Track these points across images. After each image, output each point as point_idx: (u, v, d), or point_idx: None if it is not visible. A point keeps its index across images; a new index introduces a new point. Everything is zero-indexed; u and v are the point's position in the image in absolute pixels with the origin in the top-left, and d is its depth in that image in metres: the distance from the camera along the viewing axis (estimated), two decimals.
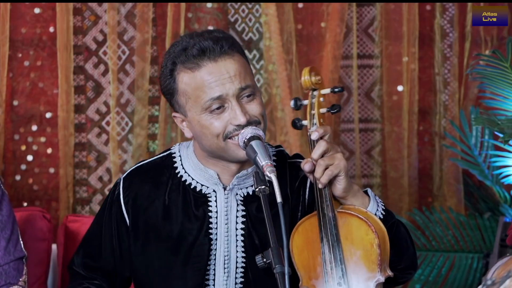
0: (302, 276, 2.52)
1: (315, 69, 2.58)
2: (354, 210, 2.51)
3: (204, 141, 2.58)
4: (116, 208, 2.70)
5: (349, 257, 2.47)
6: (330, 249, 2.47)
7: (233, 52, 2.56)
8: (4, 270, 2.71)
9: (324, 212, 2.49)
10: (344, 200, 2.53)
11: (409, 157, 4.25)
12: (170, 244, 2.65)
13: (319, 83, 2.57)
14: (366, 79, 4.26)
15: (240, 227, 2.64)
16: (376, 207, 2.54)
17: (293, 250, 2.53)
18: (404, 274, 2.62)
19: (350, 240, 2.48)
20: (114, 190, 2.73)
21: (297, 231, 2.54)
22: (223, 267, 2.63)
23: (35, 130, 4.00)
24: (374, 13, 4.24)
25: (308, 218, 2.54)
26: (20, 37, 3.97)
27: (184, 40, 2.58)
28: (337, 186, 2.50)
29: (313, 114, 2.57)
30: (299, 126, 2.60)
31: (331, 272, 2.47)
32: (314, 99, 2.57)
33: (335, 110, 2.56)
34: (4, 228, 2.73)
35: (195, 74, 2.53)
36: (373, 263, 2.45)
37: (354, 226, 2.48)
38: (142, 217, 2.68)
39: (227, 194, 2.64)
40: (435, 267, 4.13)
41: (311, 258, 2.51)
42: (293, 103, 2.59)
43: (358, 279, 2.46)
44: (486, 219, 4.13)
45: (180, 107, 2.59)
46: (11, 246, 2.73)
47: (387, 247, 2.50)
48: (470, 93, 4.28)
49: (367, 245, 2.46)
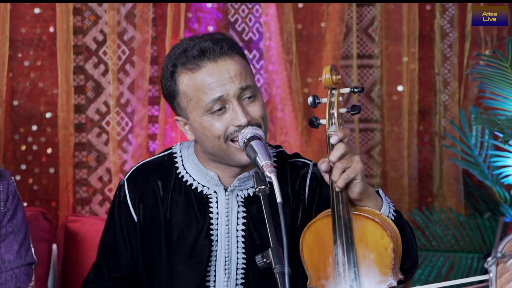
0: (310, 275, 2.52)
1: (336, 68, 2.53)
2: (369, 213, 2.48)
3: (206, 143, 2.57)
4: (124, 209, 2.70)
5: (362, 260, 2.45)
6: (344, 251, 2.45)
7: (233, 53, 2.56)
8: (15, 273, 2.73)
9: (339, 214, 2.47)
10: (359, 202, 2.51)
11: (409, 157, 4.25)
12: (171, 244, 2.65)
13: (339, 82, 2.51)
14: (366, 79, 4.26)
15: (241, 228, 2.64)
16: (388, 209, 2.53)
17: (303, 248, 2.52)
18: (408, 273, 2.62)
19: (365, 243, 2.46)
20: (120, 193, 2.72)
21: (309, 230, 2.52)
22: (223, 268, 2.63)
23: (35, 130, 4.00)
24: (374, 13, 4.24)
25: (321, 218, 2.52)
26: (20, 37, 3.97)
27: (184, 43, 2.59)
28: (354, 189, 2.47)
29: (332, 113, 2.51)
30: (317, 125, 2.53)
31: (343, 275, 2.45)
32: (334, 98, 2.51)
33: (356, 111, 2.51)
34: (18, 232, 2.76)
35: (195, 75, 2.54)
36: (386, 267, 2.44)
37: (369, 229, 2.46)
38: (149, 216, 2.68)
39: (228, 196, 2.64)
40: (435, 267, 4.13)
41: (322, 259, 2.49)
42: (311, 100, 2.52)
43: (370, 282, 2.44)
44: (486, 219, 4.13)
45: (182, 110, 2.59)
46: (23, 251, 2.75)
47: (400, 251, 2.48)
48: (470, 93, 4.28)
49: (381, 249, 2.45)
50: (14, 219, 2.75)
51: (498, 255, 2.00)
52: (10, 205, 2.75)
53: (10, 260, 2.73)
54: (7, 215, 2.75)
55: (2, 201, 2.74)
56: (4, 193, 2.75)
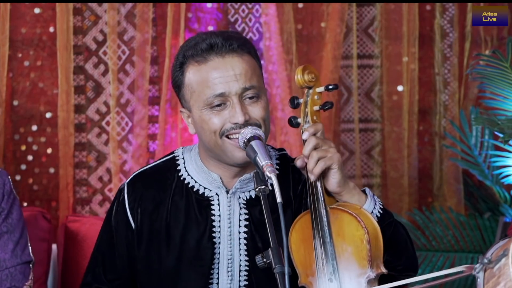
0: (300, 274, 2.53)
1: (309, 68, 2.59)
2: (347, 207, 2.51)
3: (203, 137, 2.59)
4: (121, 213, 2.71)
5: (341, 253, 2.47)
6: (321, 244, 2.48)
7: (242, 52, 2.57)
8: (10, 272, 2.73)
9: (316, 208, 2.50)
10: (340, 196, 2.53)
11: (409, 157, 4.25)
12: (173, 248, 2.65)
13: (312, 81, 2.58)
14: (366, 79, 4.26)
15: (243, 230, 2.64)
16: (373, 205, 2.54)
17: (292, 247, 2.54)
18: (405, 275, 2.61)
19: (342, 236, 2.48)
20: (119, 196, 2.73)
21: (294, 228, 2.55)
22: (226, 271, 2.63)
23: (35, 130, 4.00)
24: (374, 13, 4.24)
25: (304, 215, 2.55)
26: (20, 37, 3.97)
27: (198, 36, 2.62)
28: (331, 179, 2.49)
29: (307, 112, 2.58)
30: (295, 124, 2.61)
31: (322, 268, 2.47)
32: (309, 97, 2.58)
33: (327, 107, 2.57)
34: (13, 231, 2.76)
35: (201, 68, 2.55)
36: (363, 259, 2.45)
37: (345, 222, 2.48)
38: (147, 221, 2.68)
39: (230, 198, 2.64)
40: (435, 267, 4.13)
41: (307, 255, 2.51)
42: (291, 101, 2.60)
43: (350, 275, 2.46)
44: (486, 219, 4.13)
45: (186, 102, 2.61)
46: (18, 250, 2.75)
47: (380, 244, 2.49)
48: (470, 93, 4.28)
49: (358, 241, 2.46)
50: (9, 218, 2.76)
51: (485, 261, 2.03)
52: (5, 205, 2.76)
53: (5, 259, 2.73)
54: (2, 214, 2.75)
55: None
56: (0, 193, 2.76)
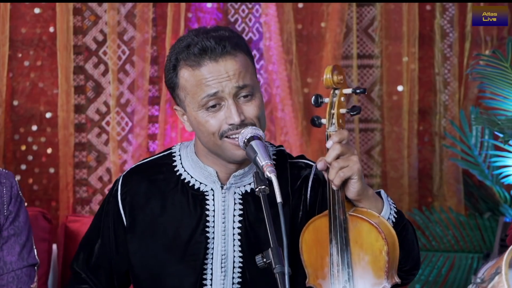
0: (309, 274, 2.52)
1: (338, 68, 2.52)
2: (366, 215, 2.48)
3: (202, 137, 2.59)
4: (113, 204, 2.72)
5: (357, 261, 2.45)
6: (338, 251, 2.46)
7: (236, 52, 2.56)
8: (17, 275, 2.75)
9: (335, 214, 2.47)
10: (358, 202, 2.51)
11: (409, 157, 4.25)
12: (166, 242, 2.65)
13: (341, 82, 2.51)
14: (366, 79, 4.26)
15: (237, 226, 2.64)
16: (389, 210, 2.53)
17: (302, 247, 2.52)
18: (409, 275, 2.61)
19: (360, 244, 2.46)
20: (113, 187, 2.75)
21: (308, 229, 2.52)
22: (220, 266, 2.63)
23: (35, 130, 4.00)
24: (374, 13, 4.24)
25: (320, 217, 2.52)
26: (20, 37, 3.97)
27: (189, 37, 2.59)
28: (350, 189, 2.47)
29: (333, 113, 2.51)
30: (318, 124, 2.52)
31: (337, 275, 2.46)
32: (335, 98, 2.51)
33: (355, 112, 2.50)
34: (20, 234, 2.77)
35: (195, 72, 2.54)
36: (380, 270, 2.44)
37: (364, 231, 2.46)
38: (139, 215, 2.69)
39: (224, 193, 2.64)
40: (435, 267, 4.13)
41: (319, 258, 2.50)
42: (314, 99, 2.52)
43: (365, 284, 2.44)
44: (486, 219, 4.13)
45: (181, 102, 2.62)
46: (25, 252, 2.77)
47: (396, 254, 2.47)
48: (470, 93, 4.28)
49: (376, 251, 2.44)
50: (16, 221, 2.78)
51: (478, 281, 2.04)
52: (13, 208, 2.77)
53: (12, 262, 2.75)
54: (10, 217, 2.77)
55: (5, 203, 2.75)
56: (7, 195, 2.77)
